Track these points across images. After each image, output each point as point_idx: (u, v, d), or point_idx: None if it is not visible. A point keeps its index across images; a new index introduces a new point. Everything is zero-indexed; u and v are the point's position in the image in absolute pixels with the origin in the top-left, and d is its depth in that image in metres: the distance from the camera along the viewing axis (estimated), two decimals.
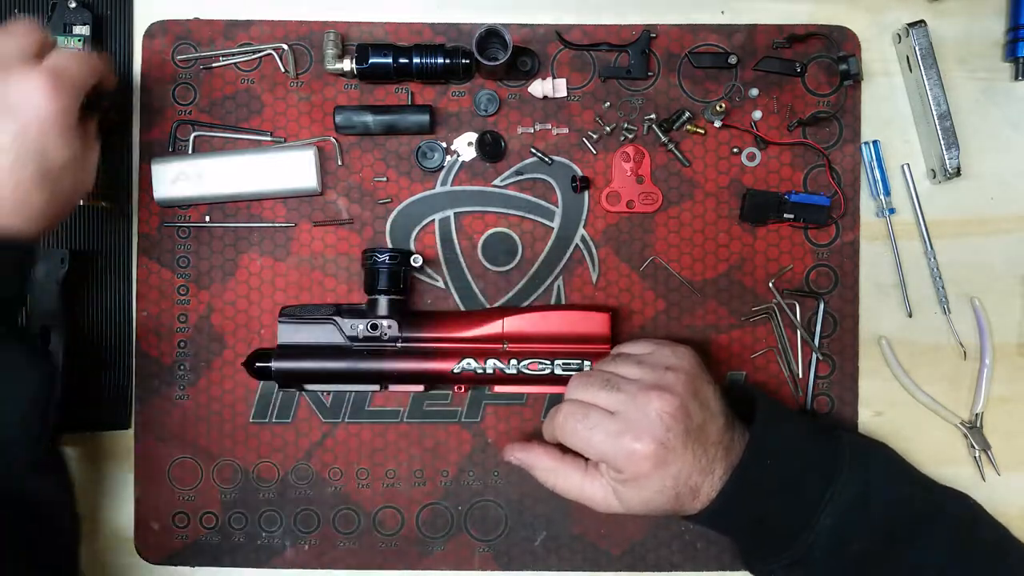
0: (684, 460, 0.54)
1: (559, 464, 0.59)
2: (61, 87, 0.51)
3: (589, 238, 0.66)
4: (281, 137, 0.66)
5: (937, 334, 0.67)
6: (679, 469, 0.54)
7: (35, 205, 0.51)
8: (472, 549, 0.66)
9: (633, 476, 0.54)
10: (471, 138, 0.66)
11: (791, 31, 0.65)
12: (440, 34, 0.66)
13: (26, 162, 0.50)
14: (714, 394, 0.57)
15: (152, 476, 0.66)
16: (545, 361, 0.61)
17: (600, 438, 0.54)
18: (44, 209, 0.52)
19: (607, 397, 0.55)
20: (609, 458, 0.54)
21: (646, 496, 0.55)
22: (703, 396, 0.56)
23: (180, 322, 0.66)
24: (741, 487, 0.55)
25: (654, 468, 0.53)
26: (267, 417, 0.66)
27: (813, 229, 0.66)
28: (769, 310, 0.66)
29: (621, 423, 0.54)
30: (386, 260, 0.61)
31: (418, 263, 0.62)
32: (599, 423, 0.55)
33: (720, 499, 0.55)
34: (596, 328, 0.62)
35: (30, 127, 0.50)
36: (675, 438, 0.54)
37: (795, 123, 0.65)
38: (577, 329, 0.62)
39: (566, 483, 0.58)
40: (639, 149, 0.66)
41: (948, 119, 0.64)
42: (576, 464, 0.58)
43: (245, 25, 0.66)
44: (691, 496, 0.55)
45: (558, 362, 0.61)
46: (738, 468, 0.55)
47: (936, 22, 0.65)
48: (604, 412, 0.55)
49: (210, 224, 0.66)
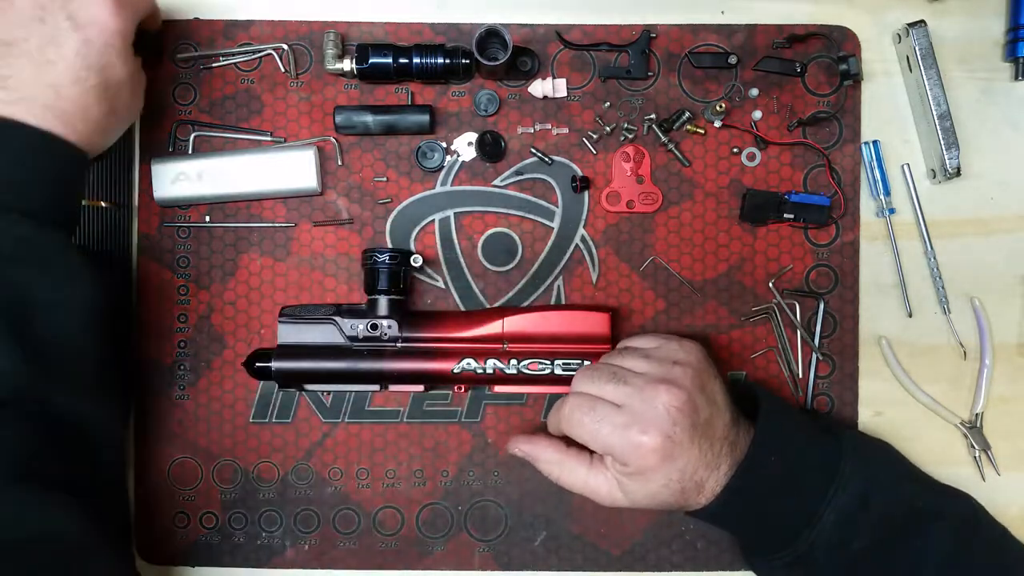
0: (690, 454, 0.54)
1: (564, 456, 0.59)
2: (122, 6, 0.54)
3: (589, 238, 0.66)
4: (281, 137, 0.66)
5: (937, 334, 0.67)
6: (685, 463, 0.54)
7: (95, 117, 0.54)
8: (472, 549, 0.66)
9: (639, 469, 0.54)
10: (471, 138, 0.66)
11: (791, 31, 0.65)
12: (440, 34, 0.66)
13: (89, 74, 0.53)
14: (721, 389, 0.57)
15: (152, 476, 0.66)
16: (545, 361, 0.61)
17: (607, 430, 0.54)
18: (102, 122, 0.54)
19: (614, 390, 0.55)
20: (615, 451, 0.55)
21: (652, 490, 0.55)
22: (710, 391, 0.56)
23: (180, 322, 0.66)
24: (746, 483, 0.55)
25: (661, 462, 0.54)
26: (267, 417, 0.66)
27: (813, 229, 0.66)
28: (769, 310, 0.66)
29: (628, 416, 0.54)
30: (386, 260, 0.61)
31: (418, 263, 0.62)
32: (606, 416, 0.55)
33: (725, 495, 0.55)
34: (596, 328, 0.62)
35: (93, 41, 0.53)
36: (682, 432, 0.54)
37: (795, 123, 0.65)
38: (577, 329, 0.62)
39: (571, 476, 0.58)
40: (639, 149, 0.66)
41: (948, 119, 0.64)
42: (581, 457, 0.58)
43: (245, 25, 0.66)
44: (696, 491, 0.55)
45: (558, 362, 0.61)
46: (743, 464, 0.55)
47: (936, 22, 0.65)
48: (611, 405, 0.55)
49: (210, 224, 0.66)
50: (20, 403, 0.49)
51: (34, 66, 0.52)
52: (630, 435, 0.54)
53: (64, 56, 0.52)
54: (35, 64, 0.52)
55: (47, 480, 0.50)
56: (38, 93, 0.51)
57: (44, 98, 0.52)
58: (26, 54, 0.51)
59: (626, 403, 0.55)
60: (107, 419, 0.56)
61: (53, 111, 0.52)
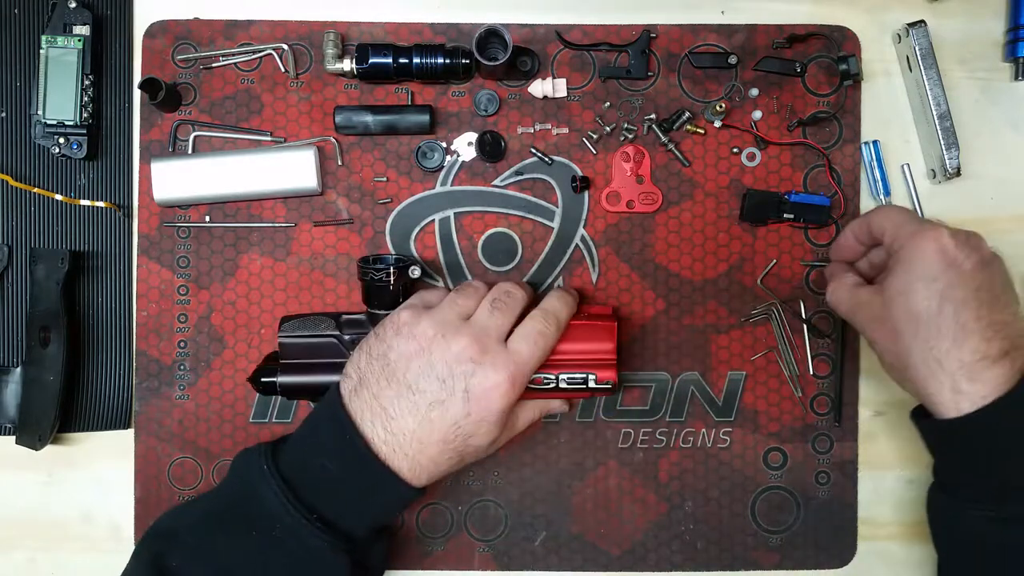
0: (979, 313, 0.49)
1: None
2: (514, 389, 0.54)
3: (589, 238, 0.66)
4: (281, 137, 0.66)
5: None
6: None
7: (442, 472, 0.56)
8: (472, 549, 0.66)
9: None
10: (471, 138, 0.66)
11: (791, 31, 0.65)
12: (440, 34, 0.66)
13: (456, 442, 0.54)
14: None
15: (152, 476, 0.66)
16: (550, 376, 0.59)
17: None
18: (445, 473, 0.56)
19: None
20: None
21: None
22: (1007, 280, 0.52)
23: (180, 322, 0.66)
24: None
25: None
26: (267, 417, 0.66)
27: (813, 229, 0.66)
28: (769, 310, 0.66)
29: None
30: (383, 279, 0.59)
31: (416, 274, 0.60)
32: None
33: (1007, 401, 0.48)
34: (602, 341, 0.59)
35: (473, 416, 0.54)
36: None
37: (795, 123, 0.65)
38: (582, 342, 0.59)
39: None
40: (639, 149, 0.66)
41: (948, 119, 0.64)
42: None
43: (245, 25, 0.66)
44: (963, 372, 0.49)
45: (563, 376, 0.59)
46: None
47: (936, 22, 0.65)
48: None
49: (210, 224, 0.66)
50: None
51: (416, 419, 0.53)
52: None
53: (444, 421, 0.53)
54: (418, 418, 0.53)
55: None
56: (407, 443, 0.53)
57: (410, 448, 0.54)
58: (416, 406, 0.53)
59: None
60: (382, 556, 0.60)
61: (410, 461, 0.54)
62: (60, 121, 0.63)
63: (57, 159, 0.65)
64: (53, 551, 0.67)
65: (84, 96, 0.64)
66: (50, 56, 0.63)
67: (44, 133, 0.64)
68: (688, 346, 0.66)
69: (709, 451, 0.66)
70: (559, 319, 0.58)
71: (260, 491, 0.53)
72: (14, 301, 0.65)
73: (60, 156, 0.64)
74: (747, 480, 0.66)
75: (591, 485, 0.66)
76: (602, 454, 0.66)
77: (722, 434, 0.66)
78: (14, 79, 0.65)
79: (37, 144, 0.65)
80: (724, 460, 0.66)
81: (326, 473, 0.54)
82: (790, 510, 0.67)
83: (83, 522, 0.67)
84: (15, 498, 0.66)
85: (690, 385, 0.66)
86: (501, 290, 0.58)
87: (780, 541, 0.67)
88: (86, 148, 0.64)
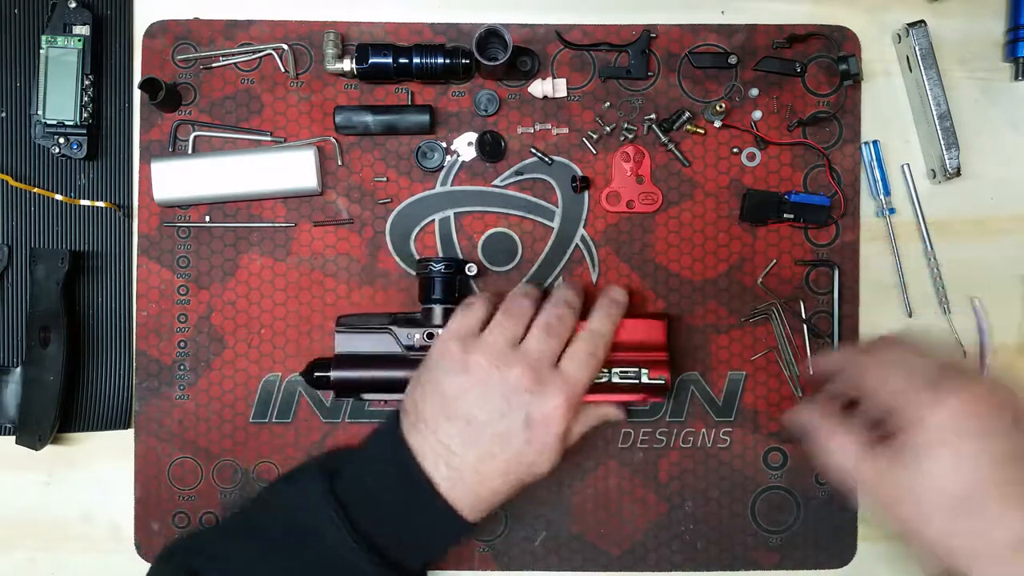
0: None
1: None
2: (572, 409, 0.54)
3: (589, 238, 0.66)
4: (281, 137, 0.66)
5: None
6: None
7: (499, 502, 0.55)
8: (472, 549, 0.66)
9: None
10: (471, 138, 0.66)
11: (791, 31, 0.65)
12: (440, 34, 0.66)
13: (517, 473, 0.54)
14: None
15: (152, 476, 0.66)
16: (603, 370, 0.59)
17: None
18: (500, 504, 0.55)
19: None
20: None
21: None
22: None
23: (180, 322, 0.66)
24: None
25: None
26: (267, 417, 0.66)
27: (813, 229, 0.66)
28: (769, 310, 0.66)
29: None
30: (441, 270, 0.61)
31: (472, 272, 0.63)
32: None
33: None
34: (653, 336, 0.61)
35: (534, 442, 0.53)
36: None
37: (795, 123, 0.65)
38: (635, 337, 0.60)
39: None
40: (639, 149, 0.66)
41: (948, 119, 0.64)
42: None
43: (245, 25, 0.66)
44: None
45: (616, 371, 0.59)
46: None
47: (936, 22, 0.65)
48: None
49: (210, 224, 0.66)
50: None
51: (477, 453, 0.53)
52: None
53: (506, 453, 0.53)
54: (479, 451, 0.53)
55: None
56: (469, 477, 0.53)
57: (471, 481, 0.53)
58: (477, 440, 0.53)
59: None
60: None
61: (472, 496, 0.53)
62: (60, 121, 0.63)
63: (57, 159, 0.65)
64: (53, 551, 0.67)
65: (84, 96, 0.64)
66: (50, 56, 0.63)
67: (44, 133, 0.64)
68: (688, 346, 0.66)
69: (709, 451, 0.66)
70: (607, 339, 0.57)
71: (317, 516, 0.52)
72: (14, 301, 0.65)
73: (60, 156, 0.65)
74: (747, 480, 0.66)
75: (591, 485, 0.66)
76: (602, 454, 0.66)
77: (722, 434, 0.66)
78: (14, 79, 0.65)
79: (37, 144, 0.65)
80: (724, 460, 0.66)
81: (385, 505, 0.53)
82: (790, 510, 0.67)
83: (83, 522, 0.67)
84: (15, 498, 0.67)
85: (690, 385, 0.66)
86: (552, 314, 0.57)
87: (780, 541, 0.67)
88: (86, 148, 0.64)
